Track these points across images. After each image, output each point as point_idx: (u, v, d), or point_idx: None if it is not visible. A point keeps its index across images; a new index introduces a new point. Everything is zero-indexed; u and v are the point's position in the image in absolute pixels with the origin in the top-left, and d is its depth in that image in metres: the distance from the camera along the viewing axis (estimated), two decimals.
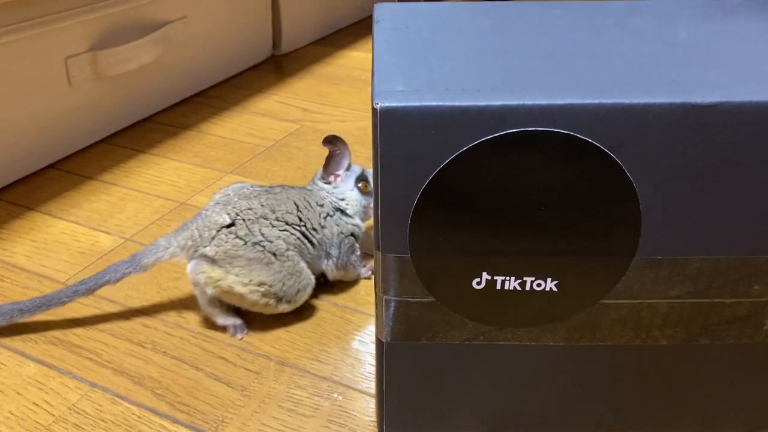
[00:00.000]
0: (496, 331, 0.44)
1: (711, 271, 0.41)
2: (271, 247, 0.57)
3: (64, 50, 0.84)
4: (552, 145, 0.37)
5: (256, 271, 0.56)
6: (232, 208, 0.58)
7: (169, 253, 0.58)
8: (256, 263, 0.56)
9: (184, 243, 0.58)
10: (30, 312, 0.58)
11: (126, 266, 0.58)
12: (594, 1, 0.54)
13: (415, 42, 0.45)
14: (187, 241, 0.58)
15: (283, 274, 0.57)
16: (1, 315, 0.58)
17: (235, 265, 0.56)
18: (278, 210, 0.59)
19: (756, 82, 0.38)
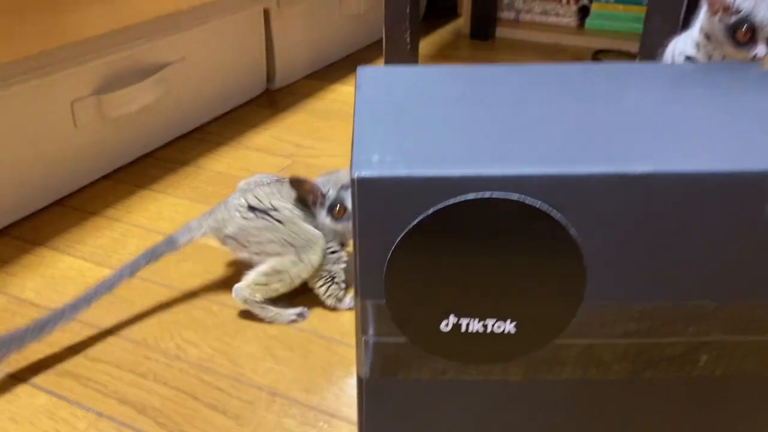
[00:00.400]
0: (462, 368, 0.49)
1: (651, 315, 0.47)
2: (278, 215, 0.69)
3: (71, 95, 0.90)
4: (505, 208, 0.43)
5: (267, 239, 0.69)
6: (249, 192, 0.71)
7: (200, 233, 0.71)
8: (265, 231, 0.69)
9: (212, 224, 0.71)
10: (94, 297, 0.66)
11: (163, 246, 0.70)
12: (557, 65, 0.60)
13: (391, 110, 0.51)
14: (214, 223, 0.71)
15: (290, 235, 0.69)
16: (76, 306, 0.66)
17: (251, 241, 0.69)
18: (285, 192, 0.71)
19: (687, 152, 0.44)
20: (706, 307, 0.47)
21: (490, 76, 0.57)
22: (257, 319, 0.71)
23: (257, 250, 0.70)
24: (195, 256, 0.82)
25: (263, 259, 0.71)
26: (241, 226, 0.70)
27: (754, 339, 0.48)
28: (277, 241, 0.69)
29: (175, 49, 1.05)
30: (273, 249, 0.70)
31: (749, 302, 0.47)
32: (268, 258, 0.70)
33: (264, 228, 0.70)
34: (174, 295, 0.75)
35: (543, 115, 0.50)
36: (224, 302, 0.74)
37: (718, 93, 0.54)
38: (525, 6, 1.70)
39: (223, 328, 0.70)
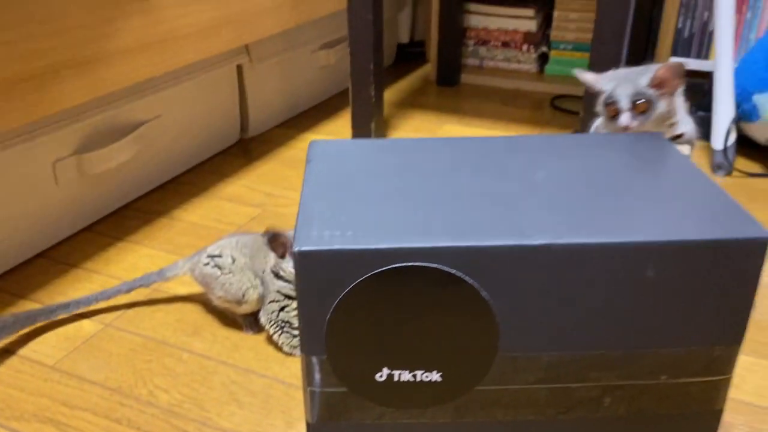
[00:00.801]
0: (397, 413, 0.56)
1: (557, 364, 0.54)
2: (220, 262, 0.79)
3: (52, 156, 0.96)
4: (425, 275, 0.50)
5: (211, 283, 0.80)
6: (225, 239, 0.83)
7: (182, 271, 0.84)
8: (209, 277, 0.79)
9: (190, 266, 0.83)
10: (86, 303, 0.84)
11: (154, 276, 0.84)
12: (485, 138, 0.68)
13: (335, 184, 0.58)
14: (191, 265, 0.82)
15: (222, 287, 0.79)
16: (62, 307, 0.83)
17: (202, 282, 0.81)
18: (241, 242, 0.81)
19: (581, 225, 0.52)
20: (604, 356, 0.54)
21: (425, 150, 0.65)
22: (223, 367, 0.77)
23: (211, 295, 0.82)
24: (167, 307, 0.88)
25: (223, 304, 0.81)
26: (201, 272, 0.81)
27: (647, 382, 0.55)
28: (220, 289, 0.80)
29: (151, 108, 1.12)
30: (218, 295, 0.80)
31: (639, 351, 0.54)
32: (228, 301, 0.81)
33: (210, 275, 0.80)
34: (147, 344, 0.81)
35: (463, 189, 0.57)
36: (193, 350, 0.80)
37: (620, 165, 0.61)
38: (488, 53, 1.80)
39: (192, 375, 0.76)
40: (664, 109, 0.68)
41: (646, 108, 0.67)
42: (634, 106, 0.68)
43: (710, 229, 0.51)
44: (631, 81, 0.69)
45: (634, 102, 0.68)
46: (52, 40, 0.81)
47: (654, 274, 0.51)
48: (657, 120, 0.69)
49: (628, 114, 0.68)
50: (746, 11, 1.38)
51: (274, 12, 1.20)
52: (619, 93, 0.68)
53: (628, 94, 0.68)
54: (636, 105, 0.68)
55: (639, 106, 0.68)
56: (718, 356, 0.55)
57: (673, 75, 0.68)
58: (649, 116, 0.68)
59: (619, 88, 0.69)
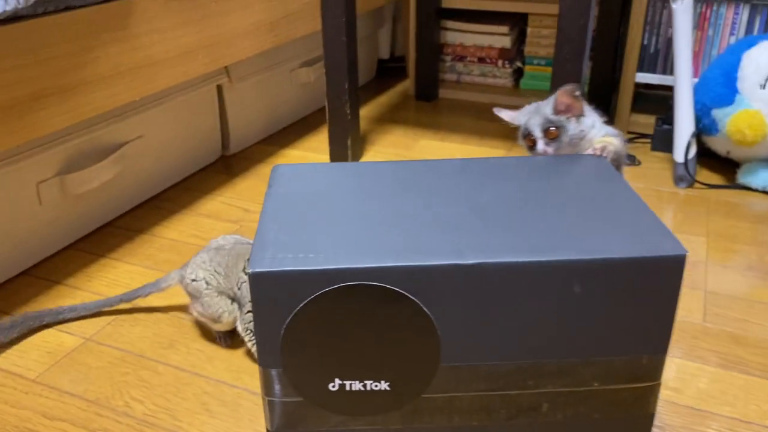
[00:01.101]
0: (350, 420, 0.60)
1: (496, 373, 0.58)
2: (196, 286, 0.84)
3: (36, 177, 1.01)
4: (371, 293, 0.55)
5: (194, 299, 0.85)
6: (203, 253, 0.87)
7: (175, 282, 0.89)
8: (194, 291, 0.85)
9: (179, 278, 0.88)
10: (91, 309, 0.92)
11: (150, 287, 0.90)
12: (439, 161, 0.72)
13: (292, 208, 0.63)
14: (179, 277, 0.87)
15: (202, 305, 0.84)
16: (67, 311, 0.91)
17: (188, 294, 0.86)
18: (215, 261, 0.85)
19: (514, 244, 0.56)
20: (539, 365, 0.58)
21: (381, 174, 0.70)
22: (196, 378, 0.82)
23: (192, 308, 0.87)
24: (145, 321, 0.92)
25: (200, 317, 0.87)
26: (186, 286, 0.86)
27: (580, 389, 0.60)
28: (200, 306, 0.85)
29: (132, 129, 1.17)
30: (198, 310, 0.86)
31: (571, 360, 0.58)
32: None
33: (195, 290, 0.85)
34: (125, 357, 0.85)
35: (411, 211, 0.62)
36: (169, 363, 0.84)
37: (559, 186, 0.66)
38: (465, 69, 1.85)
39: (166, 386, 0.80)
40: (576, 131, 0.73)
41: (558, 134, 0.73)
42: (546, 133, 0.74)
43: (632, 248, 0.56)
44: (539, 112, 0.75)
45: (545, 130, 0.74)
46: (34, 70, 0.86)
47: (580, 290, 0.56)
48: (573, 142, 0.74)
49: (542, 141, 0.74)
50: (708, 28, 1.43)
51: (250, 35, 1.25)
52: (531, 124, 0.75)
53: (539, 123, 0.74)
54: (548, 132, 0.73)
55: (551, 133, 0.73)
56: (646, 364, 0.60)
57: (570, 98, 0.73)
58: (561, 140, 0.73)
59: (531, 120, 0.75)
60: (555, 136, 0.73)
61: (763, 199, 1.25)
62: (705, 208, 1.22)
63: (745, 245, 1.09)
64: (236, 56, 1.23)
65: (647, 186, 1.30)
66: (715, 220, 1.17)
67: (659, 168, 1.38)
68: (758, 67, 1.21)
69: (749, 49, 1.24)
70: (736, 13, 1.40)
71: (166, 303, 0.96)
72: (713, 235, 1.12)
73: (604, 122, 0.76)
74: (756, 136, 1.20)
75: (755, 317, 0.92)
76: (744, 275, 1.01)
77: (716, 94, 1.25)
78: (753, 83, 1.21)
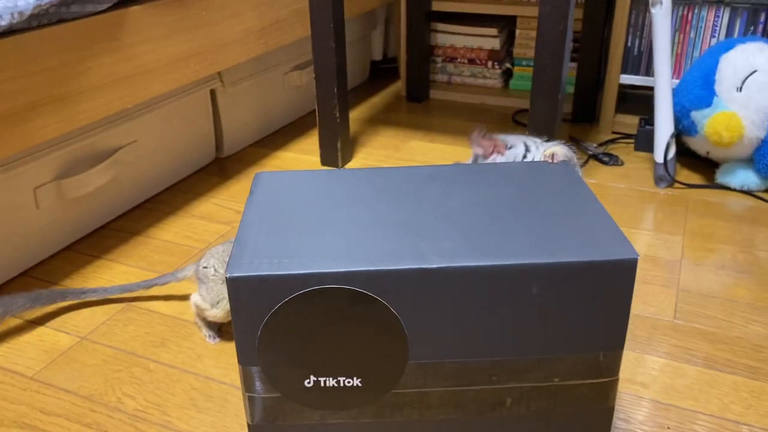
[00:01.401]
0: (325, 414, 0.64)
1: (462, 369, 0.62)
2: (205, 272, 0.89)
3: (33, 182, 1.04)
4: (342, 295, 0.58)
5: (201, 283, 0.91)
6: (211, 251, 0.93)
7: (190, 273, 0.94)
8: (200, 282, 0.91)
9: (194, 270, 0.93)
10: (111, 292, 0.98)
11: (169, 276, 0.97)
12: (415, 167, 0.76)
13: (271, 215, 0.66)
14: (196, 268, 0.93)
15: (206, 289, 0.89)
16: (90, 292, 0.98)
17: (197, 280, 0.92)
18: (227, 252, 0.90)
19: (476, 249, 0.60)
20: (501, 362, 0.62)
21: (357, 181, 0.73)
22: (186, 375, 0.85)
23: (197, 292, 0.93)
24: (138, 320, 0.96)
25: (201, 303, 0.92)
26: (198, 272, 0.92)
27: (541, 385, 0.63)
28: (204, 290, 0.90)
29: (127, 134, 1.21)
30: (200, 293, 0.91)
31: (531, 357, 0.62)
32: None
33: (203, 276, 0.90)
34: (118, 355, 0.89)
35: (382, 217, 0.65)
36: (160, 360, 0.88)
37: (523, 192, 0.69)
38: (456, 70, 1.88)
39: (157, 383, 0.84)
40: None
41: None
42: None
43: (586, 252, 0.59)
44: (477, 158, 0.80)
45: None
46: (29, 81, 0.90)
47: (538, 291, 0.59)
48: None
49: None
50: (689, 30, 1.46)
51: (241, 42, 1.29)
52: None
53: None
54: None
55: None
56: (604, 360, 0.63)
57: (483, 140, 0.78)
58: None
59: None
60: None
61: (741, 199, 1.28)
62: (683, 207, 1.25)
63: (720, 244, 1.13)
64: (227, 63, 1.27)
65: (628, 186, 1.34)
66: (693, 220, 1.21)
67: (641, 168, 1.41)
68: (735, 70, 1.24)
69: (727, 53, 1.28)
70: (716, 16, 1.43)
71: (160, 303, 1.00)
72: (690, 234, 1.16)
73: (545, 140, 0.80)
74: (732, 138, 1.23)
75: (725, 315, 0.95)
76: (717, 274, 1.05)
77: (695, 96, 1.28)
78: (730, 86, 1.25)
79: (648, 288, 1.01)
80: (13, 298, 0.92)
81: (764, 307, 0.97)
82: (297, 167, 1.45)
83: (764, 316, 0.95)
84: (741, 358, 0.87)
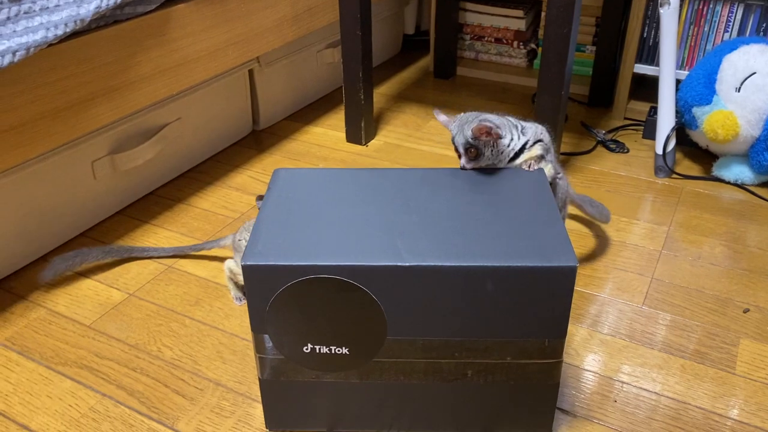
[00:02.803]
0: (320, 374, 0.79)
1: (430, 345, 0.76)
2: (239, 244, 1.04)
3: (91, 156, 1.21)
4: (333, 283, 0.73)
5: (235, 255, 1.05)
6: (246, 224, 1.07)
7: (229, 242, 1.11)
8: (235, 251, 1.04)
9: (231, 240, 1.08)
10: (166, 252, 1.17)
11: (213, 243, 1.13)
12: (407, 170, 0.89)
13: (282, 211, 0.80)
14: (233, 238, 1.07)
15: (240, 257, 1.02)
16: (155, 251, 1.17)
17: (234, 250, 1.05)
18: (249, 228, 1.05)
19: (445, 250, 0.73)
20: (463, 342, 0.76)
21: (360, 181, 0.86)
22: (215, 331, 1.02)
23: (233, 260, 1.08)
24: (177, 281, 1.13)
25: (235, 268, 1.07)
26: (235, 243, 1.06)
27: (496, 361, 0.77)
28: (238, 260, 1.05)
29: (172, 113, 1.36)
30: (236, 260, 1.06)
31: (488, 339, 0.76)
32: None
33: (234, 249, 1.05)
34: (159, 311, 1.06)
35: (373, 218, 0.79)
36: (194, 317, 1.05)
37: (496, 198, 0.82)
38: (483, 48, 1.97)
39: (191, 337, 1.01)
40: (490, 153, 0.88)
41: (476, 153, 0.87)
42: (467, 152, 0.88)
43: (533, 257, 0.72)
44: (463, 131, 0.88)
45: (466, 149, 0.88)
46: (88, 76, 1.05)
47: (492, 288, 0.73)
48: (492, 158, 0.88)
49: (464, 158, 0.88)
50: (704, 24, 1.52)
51: (275, 30, 1.41)
52: (457, 141, 0.89)
53: (462, 143, 0.88)
54: (468, 151, 0.88)
55: (470, 152, 0.88)
56: (549, 345, 0.77)
57: (482, 132, 0.87)
58: (480, 159, 0.88)
59: (457, 137, 0.89)
60: (474, 155, 0.88)
61: (734, 192, 1.37)
62: (676, 198, 1.35)
63: (701, 236, 1.23)
64: (262, 49, 1.40)
65: (628, 174, 1.43)
66: (682, 211, 1.31)
67: (645, 157, 1.50)
68: (735, 71, 1.32)
69: (730, 53, 1.34)
70: (730, 12, 1.49)
71: (197, 267, 1.16)
72: (675, 225, 1.26)
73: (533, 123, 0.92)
74: (728, 136, 1.31)
75: (689, 304, 1.07)
76: (692, 265, 1.16)
77: (697, 93, 1.36)
78: (729, 86, 1.32)
79: (624, 275, 1.13)
80: (90, 249, 1.12)
81: (727, 299, 1.07)
82: (324, 142, 1.58)
83: (725, 306, 1.06)
84: (694, 345, 0.99)
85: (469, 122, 0.89)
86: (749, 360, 0.96)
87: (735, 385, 0.92)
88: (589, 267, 1.15)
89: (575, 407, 0.89)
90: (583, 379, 0.94)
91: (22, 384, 0.93)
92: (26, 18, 0.92)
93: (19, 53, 0.89)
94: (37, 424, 0.87)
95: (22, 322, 1.04)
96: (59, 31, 0.94)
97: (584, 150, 1.53)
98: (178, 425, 0.86)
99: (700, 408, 0.89)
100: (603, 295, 1.09)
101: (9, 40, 0.89)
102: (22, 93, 0.96)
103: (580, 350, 0.98)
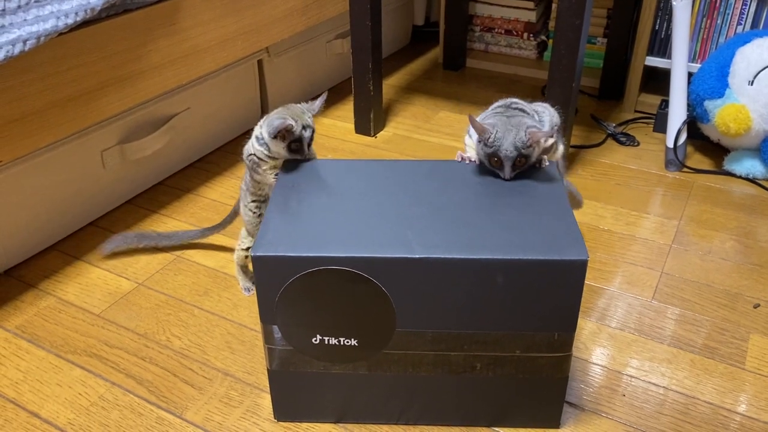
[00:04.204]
0: (328, 365, 0.79)
1: (439, 338, 0.76)
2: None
3: (100, 146, 1.21)
4: (342, 274, 0.73)
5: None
6: None
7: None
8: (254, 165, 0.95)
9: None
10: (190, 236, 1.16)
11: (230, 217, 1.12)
12: (416, 162, 0.88)
13: (292, 202, 0.80)
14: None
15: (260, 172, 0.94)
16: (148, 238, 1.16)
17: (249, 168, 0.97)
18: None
19: (454, 242, 0.73)
20: (472, 334, 0.76)
21: (368, 173, 0.86)
22: (223, 321, 1.02)
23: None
24: (186, 271, 1.13)
25: None
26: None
27: (505, 354, 0.77)
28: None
29: (181, 103, 1.35)
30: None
31: (497, 332, 0.76)
32: None
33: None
34: (168, 301, 1.07)
35: (383, 209, 0.79)
36: (203, 307, 1.05)
37: (507, 191, 0.81)
38: (493, 39, 1.96)
39: (199, 326, 1.01)
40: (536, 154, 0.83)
41: (525, 162, 0.82)
42: (515, 163, 0.82)
43: (544, 251, 0.72)
44: (510, 138, 0.80)
45: (515, 160, 0.81)
46: (98, 65, 1.04)
47: (502, 281, 0.72)
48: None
49: (509, 171, 0.82)
50: (717, 17, 1.50)
51: (284, 20, 1.40)
52: (504, 152, 0.81)
53: (512, 156, 0.81)
54: (516, 162, 0.81)
55: (519, 162, 0.82)
56: (558, 339, 0.76)
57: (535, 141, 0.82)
58: (524, 167, 0.83)
59: (504, 145, 0.80)
60: (522, 164, 0.82)
61: (745, 186, 1.36)
62: (687, 192, 1.34)
63: (712, 230, 1.22)
64: (271, 40, 1.39)
65: (639, 168, 1.43)
66: (693, 205, 1.30)
67: (656, 150, 1.49)
68: (749, 64, 1.30)
69: (743, 46, 1.33)
70: (744, 4, 1.47)
71: (205, 257, 1.16)
72: (686, 219, 1.25)
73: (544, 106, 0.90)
74: (739, 129, 1.30)
75: (699, 298, 1.06)
76: (702, 259, 1.15)
77: (709, 86, 1.35)
78: (742, 79, 1.31)
79: (634, 269, 1.13)
80: (125, 235, 1.17)
81: (737, 294, 1.07)
82: (332, 133, 1.58)
83: (735, 301, 1.05)
84: (703, 339, 0.98)
85: (509, 130, 0.81)
86: (759, 355, 0.95)
87: (744, 381, 0.91)
88: (598, 260, 1.15)
89: (583, 401, 0.89)
90: (592, 372, 0.93)
91: (32, 372, 0.93)
92: (37, 7, 0.91)
93: (30, 42, 0.89)
94: (47, 411, 0.88)
95: (32, 311, 1.04)
96: (69, 20, 0.94)
97: (594, 143, 1.52)
98: (187, 414, 0.87)
99: (709, 403, 0.88)
100: (612, 289, 1.08)
101: (20, 29, 0.89)
102: (32, 82, 0.96)
103: (589, 344, 0.98)
